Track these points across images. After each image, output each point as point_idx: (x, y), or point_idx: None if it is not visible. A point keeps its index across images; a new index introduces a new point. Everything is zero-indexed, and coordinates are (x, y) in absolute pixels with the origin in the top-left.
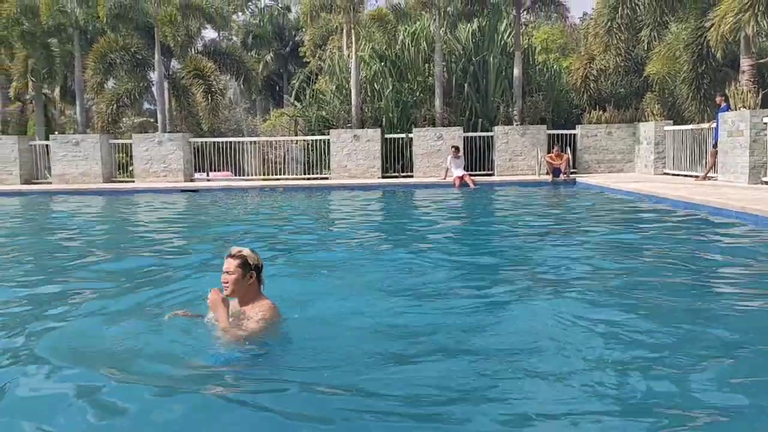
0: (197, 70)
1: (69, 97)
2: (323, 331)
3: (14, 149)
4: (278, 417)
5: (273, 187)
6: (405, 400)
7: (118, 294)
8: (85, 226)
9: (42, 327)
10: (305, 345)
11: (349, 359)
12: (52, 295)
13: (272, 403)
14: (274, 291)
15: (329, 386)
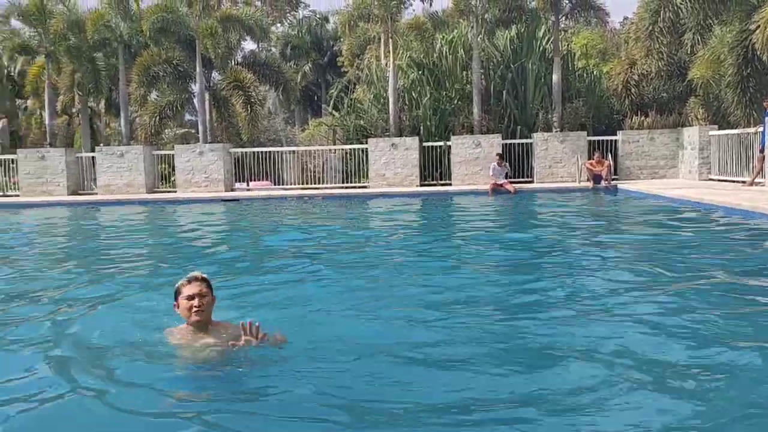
0: (237, 82)
1: (114, 110)
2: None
3: (62, 161)
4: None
5: (311, 195)
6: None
7: (159, 301)
8: (128, 235)
9: (78, 330)
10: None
11: (397, 369)
12: (92, 300)
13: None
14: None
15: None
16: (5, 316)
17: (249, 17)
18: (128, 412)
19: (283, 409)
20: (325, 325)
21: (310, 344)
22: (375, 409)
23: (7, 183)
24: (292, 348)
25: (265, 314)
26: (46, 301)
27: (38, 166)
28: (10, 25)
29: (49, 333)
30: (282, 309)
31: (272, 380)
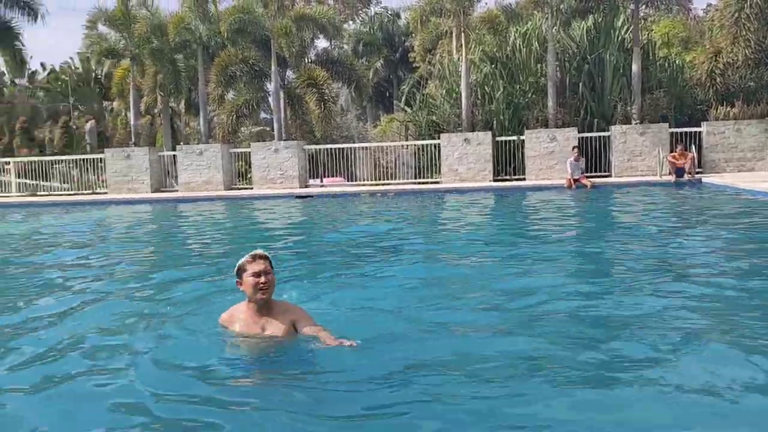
0: (311, 79)
1: (193, 110)
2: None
3: (145, 160)
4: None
5: (384, 191)
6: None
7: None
8: (208, 230)
9: (151, 325)
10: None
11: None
12: (170, 293)
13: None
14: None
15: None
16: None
17: (322, 15)
18: (198, 397)
19: (342, 401)
20: (392, 322)
21: (376, 340)
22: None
23: (96, 181)
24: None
25: (336, 309)
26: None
27: (124, 164)
28: (97, 30)
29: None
30: (353, 304)
31: (335, 370)
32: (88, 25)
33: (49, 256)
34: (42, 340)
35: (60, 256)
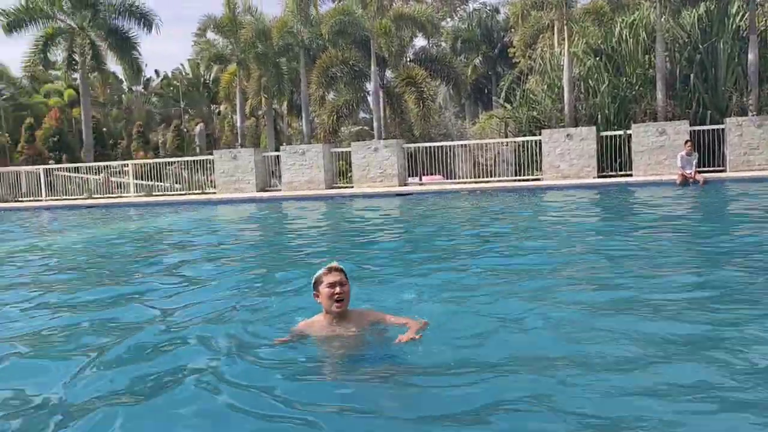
0: (409, 78)
1: (295, 111)
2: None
3: (251, 160)
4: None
5: (483, 189)
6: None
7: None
8: (310, 228)
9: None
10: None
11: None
12: (267, 289)
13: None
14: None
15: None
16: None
17: (420, 14)
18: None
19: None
20: (488, 319)
21: (469, 337)
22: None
23: (205, 181)
24: (443, 340)
25: (438, 306)
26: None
27: (231, 165)
28: (206, 37)
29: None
30: (453, 301)
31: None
32: (197, 32)
33: (163, 253)
34: (149, 328)
35: (175, 251)
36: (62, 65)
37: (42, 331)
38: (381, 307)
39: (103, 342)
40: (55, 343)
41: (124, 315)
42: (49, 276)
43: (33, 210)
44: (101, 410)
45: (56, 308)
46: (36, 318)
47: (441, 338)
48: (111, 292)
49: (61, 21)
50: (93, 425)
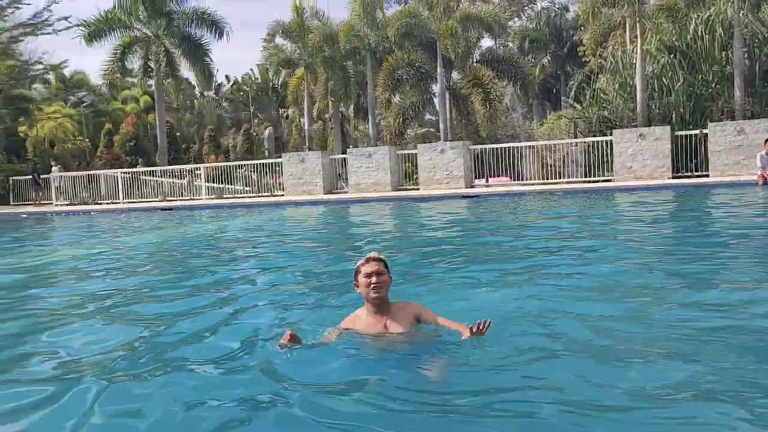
0: (476, 79)
1: (361, 113)
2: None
3: (318, 163)
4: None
5: (552, 191)
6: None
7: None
8: (377, 230)
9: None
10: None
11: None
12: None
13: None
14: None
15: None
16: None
17: (487, 14)
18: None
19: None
20: (548, 323)
21: (520, 339)
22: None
23: (274, 184)
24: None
25: (501, 310)
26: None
27: (299, 168)
28: (274, 42)
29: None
30: (517, 305)
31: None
32: (266, 38)
33: (236, 252)
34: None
35: (245, 252)
36: (138, 72)
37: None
38: (446, 310)
39: (173, 338)
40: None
41: (192, 310)
42: (132, 271)
43: (112, 212)
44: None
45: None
46: (126, 316)
47: (500, 341)
48: (187, 289)
49: (137, 30)
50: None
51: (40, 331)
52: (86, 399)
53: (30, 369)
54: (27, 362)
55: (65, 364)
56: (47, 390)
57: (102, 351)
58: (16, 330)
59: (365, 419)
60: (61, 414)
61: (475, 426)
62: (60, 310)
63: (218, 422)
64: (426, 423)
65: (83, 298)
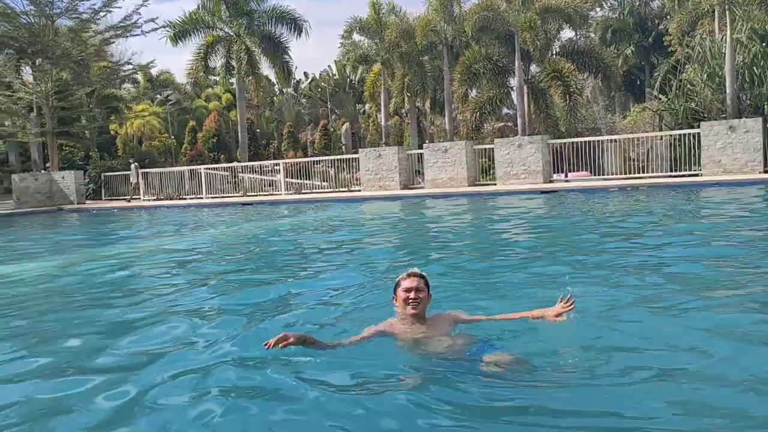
0: (555, 72)
1: (438, 108)
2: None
3: (395, 158)
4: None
5: (635, 186)
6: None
7: (484, 290)
8: (452, 225)
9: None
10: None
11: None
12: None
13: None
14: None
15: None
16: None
17: (568, 5)
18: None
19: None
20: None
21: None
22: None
23: (351, 179)
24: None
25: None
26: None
27: (376, 163)
28: (351, 38)
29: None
30: (593, 304)
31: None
32: (344, 34)
33: (310, 244)
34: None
35: (320, 244)
36: (220, 71)
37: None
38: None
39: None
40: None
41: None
42: (213, 261)
43: (195, 207)
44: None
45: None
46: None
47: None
48: (267, 279)
49: (219, 30)
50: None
51: (140, 318)
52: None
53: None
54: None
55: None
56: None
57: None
58: (114, 315)
59: (399, 420)
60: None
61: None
62: (156, 294)
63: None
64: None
65: (174, 286)
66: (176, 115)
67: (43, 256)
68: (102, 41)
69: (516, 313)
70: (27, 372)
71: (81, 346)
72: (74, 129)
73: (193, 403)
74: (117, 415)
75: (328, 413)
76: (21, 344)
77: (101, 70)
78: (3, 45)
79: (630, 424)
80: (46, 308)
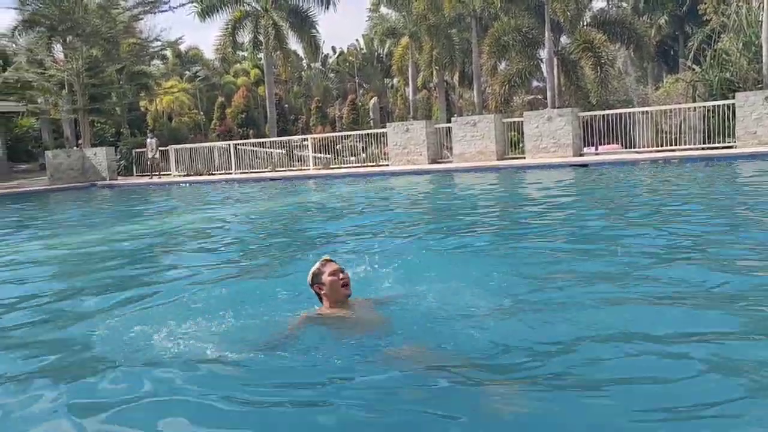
0: (586, 43)
1: (466, 82)
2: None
3: (423, 132)
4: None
5: (667, 158)
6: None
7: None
8: (482, 200)
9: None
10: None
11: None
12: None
13: None
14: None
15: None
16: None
17: None
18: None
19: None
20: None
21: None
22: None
23: (379, 154)
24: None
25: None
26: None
27: (404, 137)
28: (379, 12)
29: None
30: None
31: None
32: (371, 7)
33: (343, 220)
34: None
35: (347, 221)
36: (248, 46)
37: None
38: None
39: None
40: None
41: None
42: (240, 237)
43: (225, 182)
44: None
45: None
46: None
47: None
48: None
49: (247, 5)
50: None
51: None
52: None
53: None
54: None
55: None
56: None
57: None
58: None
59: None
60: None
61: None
62: (191, 267)
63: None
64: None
65: (207, 260)
66: (205, 91)
67: (85, 231)
68: (131, 18)
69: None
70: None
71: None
72: (105, 106)
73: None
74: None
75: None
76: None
77: (130, 47)
78: (35, 23)
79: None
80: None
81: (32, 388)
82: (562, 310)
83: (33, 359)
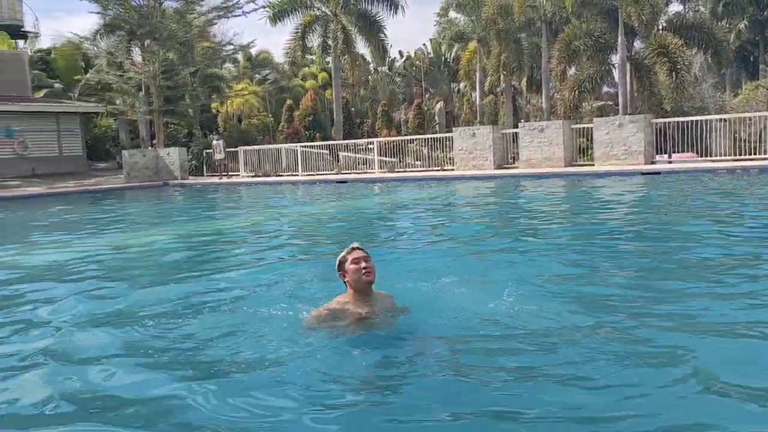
0: (661, 48)
1: (534, 87)
2: None
3: (489, 137)
4: None
5: (745, 168)
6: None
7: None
8: (547, 207)
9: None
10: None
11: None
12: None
13: None
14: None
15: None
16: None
17: None
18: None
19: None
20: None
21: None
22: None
23: (444, 158)
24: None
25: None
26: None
27: (470, 142)
28: (448, 16)
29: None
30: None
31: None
32: (440, 12)
33: (400, 222)
34: None
35: (408, 224)
36: (317, 50)
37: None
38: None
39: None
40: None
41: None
42: (303, 235)
43: (292, 183)
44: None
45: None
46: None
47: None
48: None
49: (317, 9)
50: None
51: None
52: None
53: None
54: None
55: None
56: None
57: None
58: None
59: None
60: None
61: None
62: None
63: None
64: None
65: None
66: (274, 93)
67: (159, 226)
68: (205, 22)
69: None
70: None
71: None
72: (179, 107)
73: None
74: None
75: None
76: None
77: (204, 51)
78: (115, 27)
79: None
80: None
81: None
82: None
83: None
